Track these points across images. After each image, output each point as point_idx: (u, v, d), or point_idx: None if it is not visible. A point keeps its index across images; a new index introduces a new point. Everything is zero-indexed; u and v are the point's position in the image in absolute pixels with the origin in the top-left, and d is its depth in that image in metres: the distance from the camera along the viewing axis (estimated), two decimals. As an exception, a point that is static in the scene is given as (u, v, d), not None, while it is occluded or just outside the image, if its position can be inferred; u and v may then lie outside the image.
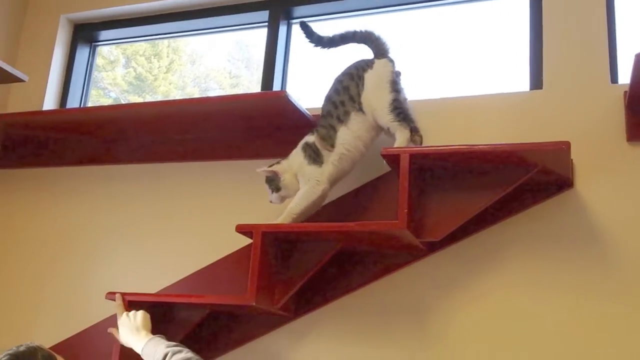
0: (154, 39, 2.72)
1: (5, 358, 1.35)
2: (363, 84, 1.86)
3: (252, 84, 2.60)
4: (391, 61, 1.90)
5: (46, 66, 2.57)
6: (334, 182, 1.88)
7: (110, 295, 1.91)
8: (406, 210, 1.65)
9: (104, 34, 2.69)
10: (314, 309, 1.94)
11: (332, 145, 1.86)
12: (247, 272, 1.76)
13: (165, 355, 1.61)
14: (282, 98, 1.92)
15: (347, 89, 1.87)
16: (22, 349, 1.38)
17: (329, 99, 1.90)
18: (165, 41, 2.77)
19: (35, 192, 2.45)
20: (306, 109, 2.01)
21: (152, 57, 2.82)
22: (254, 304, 1.72)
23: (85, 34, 2.68)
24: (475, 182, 1.75)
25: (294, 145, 2.02)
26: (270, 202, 1.94)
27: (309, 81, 2.34)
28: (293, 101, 1.92)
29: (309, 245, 1.83)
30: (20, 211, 2.46)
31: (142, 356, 1.68)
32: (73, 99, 2.61)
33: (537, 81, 1.97)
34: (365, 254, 1.91)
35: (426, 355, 1.82)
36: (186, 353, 1.60)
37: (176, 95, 2.71)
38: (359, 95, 1.86)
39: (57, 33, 2.61)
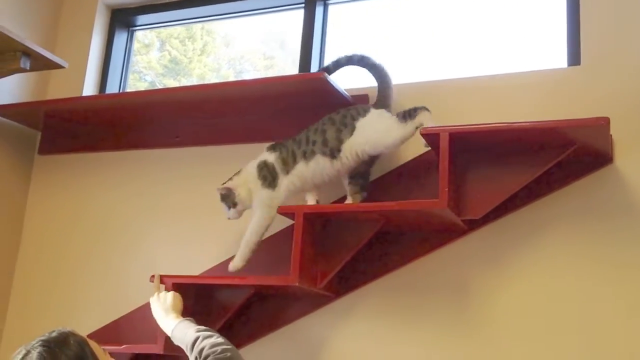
0: (190, 23, 2.74)
1: (38, 344, 1.37)
2: (352, 132, 1.87)
3: (286, 65, 2.61)
4: (388, 112, 1.89)
5: (85, 52, 2.60)
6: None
7: (154, 278, 1.96)
8: (446, 189, 1.66)
9: (141, 19, 2.71)
10: (355, 288, 1.96)
11: (288, 172, 1.91)
12: (289, 253, 1.79)
13: (196, 340, 1.64)
14: (321, 79, 1.93)
15: (324, 133, 1.89)
16: (54, 334, 1.39)
17: (307, 131, 1.94)
18: (199, 24, 2.79)
19: (76, 178, 2.50)
20: (344, 89, 2.02)
21: (187, 39, 2.84)
22: (297, 284, 1.75)
23: (123, 18, 2.71)
24: (515, 159, 1.75)
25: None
26: (228, 218, 1.97)
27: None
28: (332, 82, 1.93)
29: (350, 225, 1.85)
30: (62, 196, 2.51)
31: (171, 339, 1.73)
32: (112, 84, 2.65)
33: (574, 57, 1.95)
34: (405, 233, 1.93)
35: (469, 334, 1.83)
36: (217, 338, 1.63)
37: (211, 77, 2.73)
38: (340, 141, 1.87)
39: (95, 18, 2.64)
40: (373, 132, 1.85)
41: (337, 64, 1.96)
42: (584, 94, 1.86)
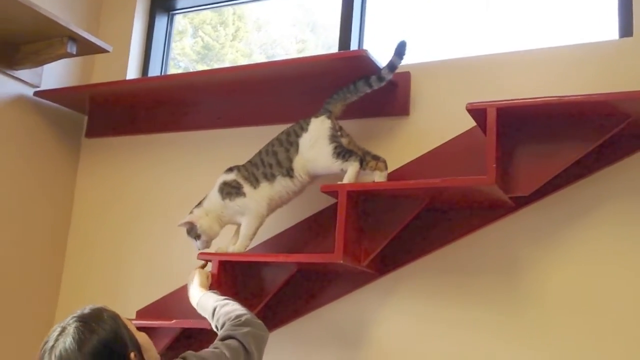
0: (228, 5, 2.74)
1: (73, 320, 1.41)
2: (297, 150, 1.93)
3: (318, 48, 2.59)
4: (329, 117, 1.93)
5: (127, 36, 2.63)
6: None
7: (203, 256, 1.99)
8: (494, 165, 1.63)
9: (181, 2, 2.73)
10: (399, 266, 1.95)
11: (255, 187, 1.96)
12: (332, 231, 1.79)
13: (214, 310, 1.71)
14: (363, 57, 1.91)
15: (276, 154, 1.96)
16: (86, 311, 1.44)
17: (259, 153, 2.00)
18: (231, 9, 2.79)
19: (122, 160, 2.54)
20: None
21: (219, 25, 2.85)
22: (341, 261, 1.75)
23: (163, 2, 2.73)
24: (565, 134, 1.71)
25: (375, 104, 2.03)
26: (198, 249, 2.01)
27: (387, 40, 2.31)
28: (374, 60, 1.91)
29: (395, 203, 1.83)
30: (109, 178, 2.56)
31: (198, 311, 1.79)
32: (154, 68, 2.68)
33: (626, 29, 1.88)
34: (451, 211, 1.90)
35: (516, 314, 1.80)
36: (232, 305, 1.69)
37: (243, 62, 2.73)
38: (290, 160, 1.93)
39: (137, 3, 2.67)
40: (310, 154, 1.92)
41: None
42: (637, 65, 1.80)
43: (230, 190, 1.98)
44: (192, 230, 2.00)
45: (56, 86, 2.51)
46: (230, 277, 1.95)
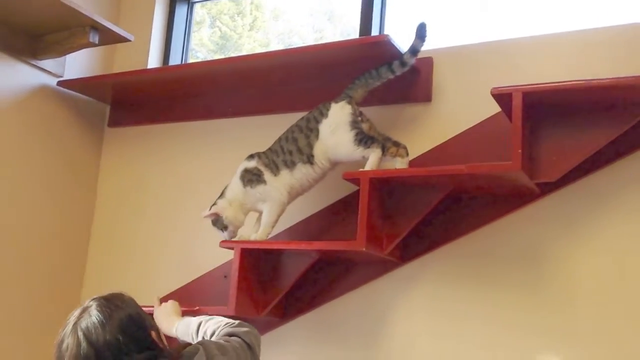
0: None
1: (93, 301, 1.43)
2: (317, 136, 1.91)
3: (335, 37, 2.57)
4: (349, 103, 1.90)
5: (148, 25, 2.63)
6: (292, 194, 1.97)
7: (225, 244, 1.99)
8: (520, 151, 1.60)
9: (200, -9, 2.74)
10: (422, 254, 1.93)
11: (276, 175, 1.95)
12: (354, 219, 1.77)
13: (199, 324, 1.70)
14: (384, 43, 1.89)
15: (296, 141, 1.94)
16: (105, 294, 1.47)
17: (279, 140, 1.99)
18: (249, -1, 2.79)
19: (144, 148, 2.56)
20: (408, 52, 1.97)
21: (236, 15, 2.84)
22: (364, 249, 1.74)
23: (183, -10, 2.74)
24: (592, 119, 1.67)
25: (397, 91, 2.01)
26: (224, 240, 2.00)
27: (408, 27, 2.29)
28: (396, 45, 1.89)
29: (418, 190, 1.81)
30: (131, 167, 2.58)
31: (177, 336, 1.77)
32: (174, 57, 2.68)
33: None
34: (475, 198, 1.88)
35: (541, 302, 1.78)
36: (218, 317, 1.69)
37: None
38: (310, 147, 1.91)
39: (157, -9, 2.68)
40: (330, 140, 1.89)
41: None
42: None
43: (251, 177, 1.97)
44: (218, 222, 2.00)
45: (79, 76, 2.52)
46: (252, 264, 1.95)
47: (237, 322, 1.63)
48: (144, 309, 1.94)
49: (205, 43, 2.88)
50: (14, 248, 2.33)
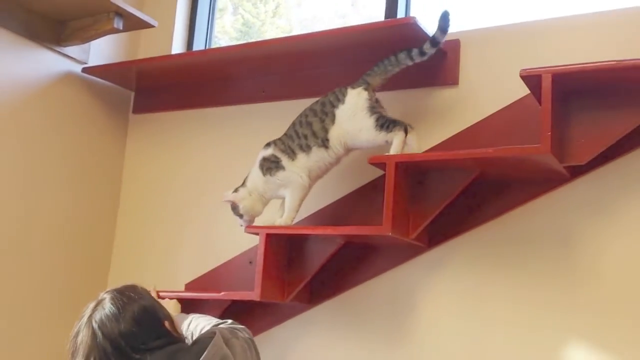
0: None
1: (106, 294, 1.46)
2: (333, 120, 1.89)
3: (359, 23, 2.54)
4: (366, 89, 1.88)
5: (172, 11, 2.63)
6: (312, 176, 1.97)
7: (250, 229, 2.00)
8: (549, 133, 1.57)
9: (224, -25, 2.72)
10: (449, 239, 1.92)
11: (293, 159, 1.95)
12: (380, 204, 1.77)
13: (190, 321, 1.70)
14: (411, 25, 1.86)
15: (310, 125, 1.93)
16: (119, 286, 1.49)
17: (293, 125, 1.98)
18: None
19: (169, 135, 2.56)
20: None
21: (259, 2, 2.83)
22: (390, 234, 1.73)
23: (207, -24, 2.73)
24: (624, 100, 1.63)
25: (423, 74, 1.99)
26: (241, 226, 2.04)
27: (435, 10, 2.25)
28: (422, 27, 1.86)
29: (444, 174, 1.80)
30: (156, 153, 2.59)
31: None
32: (198, 42, 2.68)
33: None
34: (503, 182, 1.85)
35: (571, 288, 1.75)
36: (208, 316, 1.71)
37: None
38: (325, 131, 1.90)
39: (181, -24, 2.67)
40: (349, 126, 1.88)
41: None
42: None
43: (270, 165, 1.98)
44: (235, 209, 2.02)
45: (103, 62, 2.54)
46: (278, 250, 1.96)
47: (229, 320, 1.64)
48: (167, 293, 1.98)
49: (228, 31, 2.88)
50: (40, 236, 2.36)
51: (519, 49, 1.92)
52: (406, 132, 1.83)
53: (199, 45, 2.68)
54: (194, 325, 1.66)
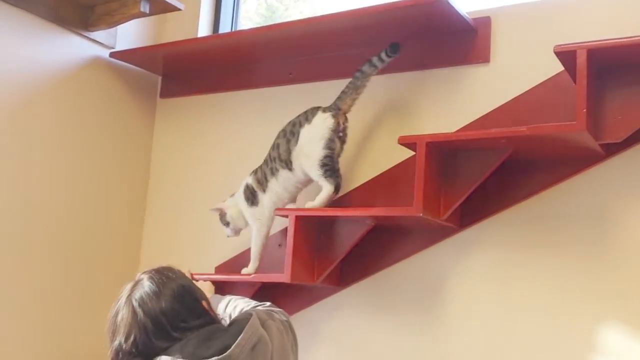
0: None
1: (144, 274, 1.46)
2: (297, 140, 1.95)
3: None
4: (334, 116, 1.91)
5: (197, -7, 2.63)
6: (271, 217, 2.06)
7: (279, 212, 2.00)
8: (585, 110, 1.54)
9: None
10: (480, 220, 1.89)
11: (264, 191, 2.03)
12: (410, 185, 1.75)
13: (229, 301, 1.72)
14: (440, 2, 1.83)
15: (277, 148, 2.00)
16: (155, 267, 1.49)
17: (270, 149, 2.05)
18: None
19: (197, 119, 2.57)
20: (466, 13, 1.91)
21: (282, -15, 2.81)
22: (421, 214, 1.71)
23: (232, -42, 2.71)
24: (662, 75, 1.60)
25: (453, 52, 1.96)
26: (227, 236, 2.15)
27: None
28: (452, 5, 1.83)
29: (476, 154, 1.77)
30: (184, 137, 2.59)
31: None
32: (224, 26, 2.67)
33: None
34: (535, 161, 1.82)
35: (607, 268, 1.72)
36: (247, 298, 1.72)
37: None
38: (289, 152, 1.96)
39: (206, -41, 2.66)
40: (303, 148, 1.93)
41: None
42: None
43: (249, 195, 2.08)
44: (223, 218, 2.12)
45: (130, 47, 2.54)
46: (307, 232, 1.95)
47: (268, 303, 1.64)
48: (199, 275, 2.00)
49: (252, 16, 2.86)
50: (70, 220, 2.38)
51: (552, 24, 1.88)
52: (336, 190, 1.90)
53: (224, 28, 2.67)
54: (232, 307, 1.67)
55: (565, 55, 1.61)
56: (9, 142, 2.20)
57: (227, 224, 2.13)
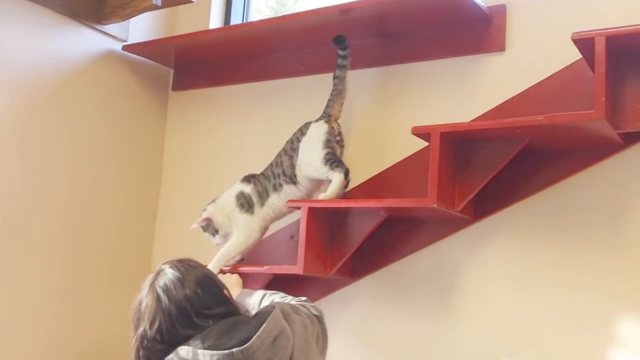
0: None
1: (165, 264, 1.47)
2: (297, 155, 1.99)
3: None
4: (327, 122, 1.97)
5: (208, -15, 2.62)
6: (263, 228, 2.09)
7: (291, 203, 1.98)
8: (603, 98, 1.50)
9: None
10: (495, 211, 1.86)
11: (263, 205, 2.05)
12: (423, 176, 1.73)
13: (264, 295, 1.72)
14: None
15: (281, 164, 2.03)
16: (176, 258, 1.50)
17: (270, 166, 2.07)
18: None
19: (209, 111, 2.56)
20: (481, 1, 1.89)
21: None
22: (435, 206, 1.69)
23: (242, -50, 2.69)
24: (683, 63, 1.56)
25: (468, 41, 1.93)
26: (217, 245, 2.10)
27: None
28: (470, -8, 1.80)
29: (491, 144, 1.74)
30: (196, 130, 2.59)
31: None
32: (235, 17, 2.66)
33: None
34: (552, 151, 1.79)
35: (626, 260, 1.69)
36: (282, 293, 1.71)
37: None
38: (293, 167, 2.00)
39: (217, -51, 2.64)
40: (304, 157, 1.97)
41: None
42: None
43: (243, 202, 2.06)
44: (210, 227, 2.08)
45: (142, 40, 2.53)
46: (320, 224, 1.94)
47: (304, 298, 1.64)
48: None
49: (262, 9, 2.85)
50: (83, 213, 2.38)
51: (568, 11, 1.85)
52: (346, 176, 1.89)
53: (236, 21, 2.66)
54: (269, 301, 1.67)
55: (583, 43, 1.57)
56: (22, 136, 2.20)
57: (215, 231, 2.09)
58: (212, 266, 2.00)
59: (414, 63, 2.05)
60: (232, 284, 1.87)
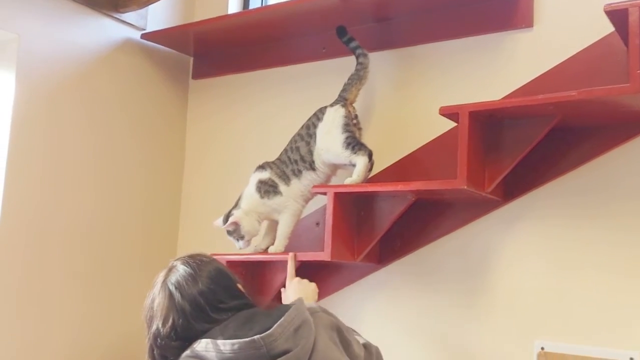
0: None
1: (177, 260, 1.45)
2: (315, 140, 1.96)
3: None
4: (344, 106, 1.94)
5: (226, -30, 2.59)
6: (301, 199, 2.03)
7: (317, 189, 1.96)
8: (639, 71, 1.45)
9: None
10: (527, 191, 1.82)
11: (288, 184, 2.00)
12: (452, 158, 1.69)
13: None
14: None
15: (298, 150, 2.00)
16: (187, 254, 1.47)
17: (285, 151, 2.04)
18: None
19: (230, 98, 2.53)
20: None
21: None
22: (465, 187, 1.65)
23: None
24: None
25: (495, 18, 1.88)
26: (240, 248, 2.05)
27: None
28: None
29: (521, 122, 1.70)
30: (218, 117, 2.57)
31: None
32: (254, 2, 2.63)
33: None
34: (583, 129, 1.74)
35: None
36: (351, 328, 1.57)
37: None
38: (311, 153, 1.97)
39: None
40: (323, 142, 1.94)
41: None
42: None
43: (267, 188, 2.01)
44: (236, 232, 2.02)
45: (161, 28, 2.51)
46: (346, 209, 1.91)
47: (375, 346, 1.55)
48: (234, 256, 1.98)
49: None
50: (106, 204, 2.38)
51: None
52: (370, 158, 1.87)
53: (255, 4, 2.63)
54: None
55: (616, 15, 1.52)
56: (44, 127, 2.19)
57: (241, 237, 2.02)
58: (281, 241, 2.01)
59: (440, 42, 2.01)
60: (308, 294, 1.77)
